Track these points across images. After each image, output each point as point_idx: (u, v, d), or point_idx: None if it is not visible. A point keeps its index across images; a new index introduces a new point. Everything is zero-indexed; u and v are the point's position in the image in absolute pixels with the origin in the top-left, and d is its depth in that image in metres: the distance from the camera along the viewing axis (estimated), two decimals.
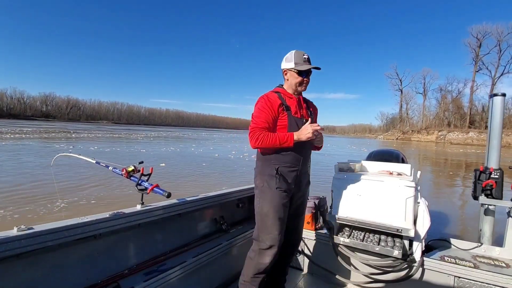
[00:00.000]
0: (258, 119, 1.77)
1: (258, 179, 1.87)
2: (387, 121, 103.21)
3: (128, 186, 6.61)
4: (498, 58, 60.59)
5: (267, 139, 1.71)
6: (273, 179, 1.79)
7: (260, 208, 1.82)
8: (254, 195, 1.90)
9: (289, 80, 1.89)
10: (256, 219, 1.85)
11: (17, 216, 4.87)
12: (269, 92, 1.91)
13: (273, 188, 1.79)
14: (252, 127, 1.77)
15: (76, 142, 20.95)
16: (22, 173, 8.36)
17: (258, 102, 1.85)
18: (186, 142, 29.04)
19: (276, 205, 1.77)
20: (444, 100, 74.73)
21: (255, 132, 1.73)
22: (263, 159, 1.86)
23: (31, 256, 1.34)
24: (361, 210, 2.17)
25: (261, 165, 1.87)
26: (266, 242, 1.76)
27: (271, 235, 1.76)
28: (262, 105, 1.80)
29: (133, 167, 1.89)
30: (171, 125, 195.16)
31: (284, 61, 1.91)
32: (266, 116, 1.77)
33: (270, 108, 1.78)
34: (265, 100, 1.81)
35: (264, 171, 1.84)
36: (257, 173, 1.89)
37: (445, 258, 2.06)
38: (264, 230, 1.78)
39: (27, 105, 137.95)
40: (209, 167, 11.79)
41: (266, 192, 1.80)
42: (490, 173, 2.26)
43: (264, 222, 1.79)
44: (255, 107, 1.85)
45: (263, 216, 1.79)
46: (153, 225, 1.94)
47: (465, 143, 54.42)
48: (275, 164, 1.81)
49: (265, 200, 1.79)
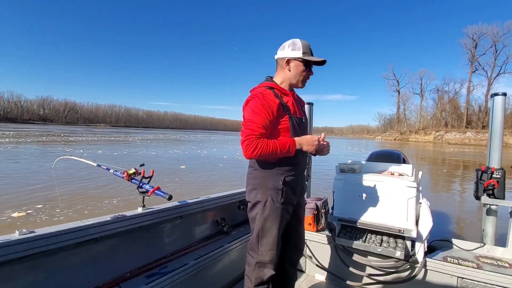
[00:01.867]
0: (253, 124, 1.47)
1: (260, 192, 1.60)
2: (385, 121, 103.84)
3: (129, 188, 6.59)
4: (494, 59, 61.26)
5: (267, 149, 1.44)
6: (278, 193, 1.57)
7: (262, 224, 1.59)
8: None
9: (292, 72, 1.62)
10: (256, 232, 1.62)
11: (19, 220, 4.84)
12: (262, 88, 1.59)
13: (278, 203, 1.57)
14: (246, 134, 1.45)
15: (81, 145, 20.83)
16: (22, 176, 8.31)
17: (250, 102, 1.54)
18: (186, 144, 29.05)
19: (280, 222, 1.59)
20: (441, 100, 75.24)
21: (252, 141, 1.43)
22: (264, 168, 1.60)
23: (33, 259, 1.33)
24: (362, 211, 2.16)
25: (262, 176, 1.60)
26: (266, 257, 1.60)
27: (272, 251, 1.59)
28: (257, 106, 1.49)
29: (134, 170, 1.88)
30: (169, 128, 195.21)
31: (286, 48, 1.62)
32: (263, 119, 1.48)
33: (268, 109, 1.49)
34: (260, 99, 1.51)
35: (267, 184, 1.58)
36: (257, 186, 1.61)
37: (447, 259, 2.05)
38: (265, 245, 1.60)
39: (24, 109, 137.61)
40: (227, 168, 12.40)
41: (270, 208, 1.57)
42: (492, 173, 2.26)
43: (265, 238, 1.59)
44: (247, 107, 1.54)
45: (265, 232, 1.59)
46: (155, 227, 1.93)
47: (462, 143, 54.67)
48: (279, 174, 1.58)
49: (269, 217, 1.58)
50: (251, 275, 1.65)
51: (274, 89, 1.60)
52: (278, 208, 1.58)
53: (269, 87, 1.59)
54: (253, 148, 1.42)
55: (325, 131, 1.84)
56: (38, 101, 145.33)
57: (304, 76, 1.64)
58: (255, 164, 1.64)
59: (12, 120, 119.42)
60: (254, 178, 1.64)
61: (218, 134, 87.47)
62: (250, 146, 1.42)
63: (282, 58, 1.63)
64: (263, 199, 1.59)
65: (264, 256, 1.60)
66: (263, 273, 1.61)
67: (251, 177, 1.67)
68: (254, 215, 1.63)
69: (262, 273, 1.61)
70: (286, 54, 1.61)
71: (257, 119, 1.47)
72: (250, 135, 1.44)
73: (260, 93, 1.54)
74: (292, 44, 1.61)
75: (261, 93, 1.54)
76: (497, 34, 59.61)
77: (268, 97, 1.53)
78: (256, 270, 1.62)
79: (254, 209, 1.63)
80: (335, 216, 2.27)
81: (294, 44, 1.60)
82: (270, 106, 1.51)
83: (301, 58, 1.59)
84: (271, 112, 1.50)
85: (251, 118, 1.48)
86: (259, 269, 1.62)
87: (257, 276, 1.62)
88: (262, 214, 1.59)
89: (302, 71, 1.62)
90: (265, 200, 1.58)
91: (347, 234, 2.26)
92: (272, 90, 1.58)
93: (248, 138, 1.44)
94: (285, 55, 1.61)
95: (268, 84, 1.62)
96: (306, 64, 1.61)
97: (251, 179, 1.66)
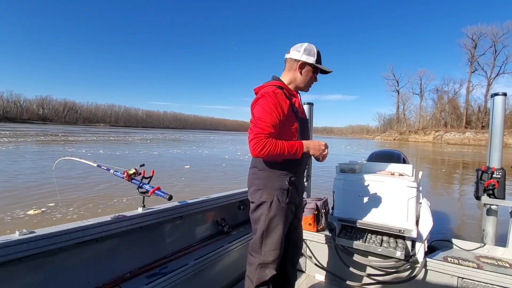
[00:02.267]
0: (263, 122, 1.44)
1: (265, 193, 1.58)
2: (384, 122, 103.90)
3: (130, 189, 6.61)
4: (494, 59, 61.35)
5: (275, 148, 1.42)
6: (284, 193, 1.58)
7: (268, 223, 1.58)
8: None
9: (303, 76, 1.64)
10: (260, 233, 1.61)
11: (19, 220, 4.84)
12: (273, 87, 1.57)
13: (283, 203, 1.58)
14: (256, 132, 1.43)
15: (82, 145, 20.74)
16: (23, 177, 8.30)
17: (261, 100, 1.51)
18: (187, 144, 29.05)
19: (285, 222, 1.60)
20: (440, 100, 75.36)
21: (261, 139, 1.40)
22: (270, 168, 1.59)
23: (33, 260, 1.33)
24: (363, 211, 2.16)
25: (267, 177, 1.59)
26: (269, 257, 1.59)
27: (275, 251, 1.59)
28: (269, 105, 1.47)
29: (134, 170, 1.88)
30: (169, 128, 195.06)
31: (302, 52, 1.62)
32: (273, 119, 1.46)
33: (279, 109, 1.48)
34: (273, 98, 1.49)
35: (273, 184, 1.58)
36: (262, 186, 1.60)
37: (448, 259, 2.05)
38: (269, 245, 1.60)
39: (23, 108, 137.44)
40: (229, 168, 12.49)
41: (276, 208, 1.57)
42: (492, 173, 2.25)
43: (270, 238, 1.59)
44: (258, 105, 1.51)
45: (270, 232, 1.59)
46: (155, 227, 1.93)
47: (462, 143, 54.74)
48: (285, 175, 1.59)
49: (275, 217, 1.57)
50: (252, 275, 1.64)
51: (283, 89, 1.60)
52: (283, 208, 1.59)
53: (279, 87, 1.58)
54: (261, 146, 1.40)
55: (325, 131, 1.88)
56: (38, 101, 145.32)
57: (311, 82, 1.69)
58: (260, 165, 1.62)
59: (11, 119, 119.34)
60: (258, 178, 1.62)
61: (218, 134, 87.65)
62: (259, 144, 1.40)
63: (295, 60, 1.63)
64: (269, 199, 1.58)
65: (268, 257, 1.59)
66: (265, 274, 1.61)
67: (255, 177, 1.64)
68: (259, 216, 1.61)
69: (264, 274, 1.61)
70: (300, 57, 1.62)
71: (267, 117, 1.45)
72: (260, 133, 1.42)
73: (272, 92, 1.52)
74: (308, 49, 1.62)
75: (273, 91, 1.52)
76: (497, 34, 59.81)
77: (280, 97, 1.52)
78: (258, 271, 1.61)
79: (258, 210, 1.62)
80: (335, 216, 2.27)
81: (310, 50, 1.62)
82: (281, 106, 1.50)
83: (314, 65, 1.62)
84: (281, 112, 1.49)
85: (261, 117, 1.46)
86: (261, 270, 1.61)
87: (259, 276, 1.61)
88: (267, 215, 1.58)
89: (311, 77, 1.67)
90: (271, 201, 1.57)
91: (347, 234, 2.26)
92: (282, 90, 1.57)
93: (257, 136, 1.42)
94: (299, 58, 1.62)
95: (277, 84, 1.61)
96: (315, 70, 1.66)
97: (255, 180, 1.64)
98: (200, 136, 61.67)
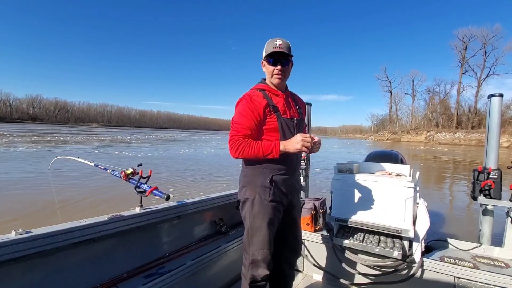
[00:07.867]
0: (239, 125, 1.55)
1: (248, 190, 1.64)
2: (377, 122, 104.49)
3: (127, 188, 6.53)
4: (484, 60, 62.12)
5: (249, 149, 1.50)
6: (266, 190, 1.60)
7: (251, 222, 1.62)
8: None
9: (266, 72, 1.70)
10: (246, 231, 1.66)
11: (15, 220, 4.78)
12: (252, 90, 1.66)
13: (266, 201, 1.60)
14: (232, 134, 1.55)
15: (78, 146, 20.50)
16: (18, 176, 8.19)
17: (239, 104, 1.62)
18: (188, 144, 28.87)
19: (270, 220, 1.60)
20: (432, 101, 76.16)
21: (235, 141, 1.52)
22: (253, 166, 1.64)
23: (30, 260, 1.32)
24: (360, 211, 2.17)
25: (251, 174, 1.65)
26: (257, 256, 1.61)
27: (263, 250, 1.60)
28: (244, 108, 1.57)
29: (132, 170, 1.88)
30: (162, 127, 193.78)
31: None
32: (248, 121, 1.55)
33: (254, 111, 1.56)
34: (247, 101, 1.58)
35: (255, 181, 1.62)
36: (247, 183, 1.66)
37: (444, 259, 2.06)
38: (255, 244, 1.61)
39: (13, 108, 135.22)
40: (231, 167, 12.52)
41: (259, 205, 1.60)
42: (489, 173, 2.28)
43: (256, 237, 1.61)
44: (236, 109, 1.62)
45: (255, 231, 1.61)
46: (152, 227, 1.92)
47: (452, 143, 55.51)
48: (267, 172, 1.61)
49: (258, 214, 1.60)
50: (246, 274, 1.67)
51: (265, 90, 1.66)
52: (267, 206, 1.60)
53: (260, 89, 1.66)
54: (235, 148, 1.52)
55: (319, 131, 1.89)
56: (28, 100, 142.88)
57: (273, 73, 1.64)
58: (246, 162, 1.69)
59: (0, 119, 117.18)
60: (244, 176, 1.70)
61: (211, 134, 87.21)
62: (233, 146, 1.52)
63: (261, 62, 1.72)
64: (251, 197, 1.62)
65: (256, 256, 1.61)
66: (257, 273, 1.62)
67: (242, 175, 1.72)
68: (244, 214, 1.67)
69: (256, 273, 1.63)
70: (263, 58, 1.68)
71: (242, 120, 1.55)
72: (235, 135, 1.54)
73: (248, 96, 1.61)
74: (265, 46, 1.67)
75: (249, 95, 1.61)
76: (487, 36, 60.57)
77: (256, 99, 1.59)
78: (250, 270, 1.64)
79: (244, 207, 1.67)
80: (333, 216, 2.28)
81: (265, 46, 1.66)
82: (256, 107, 1.56)
83: (264, 57, 1.65)
84: (257, 113, 1.56)
85: (237, 120, 1.58)
86: (253, 269, 1.64)
87: (251, 275, 1.64)
88: (251, 212, 1.62)
89: (269, 69, 1.65)
90: (253, 198, 1.62)
91: (345, 234, 2.27)
92: (262, 92, 1.64)
93: (232, 138, 1.54)
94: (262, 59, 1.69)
95: (260, 86, 1.68)
96: (271, 60, 1.62)
97: (242, 177, 1.72)
98: (196, 136, 61.20)
